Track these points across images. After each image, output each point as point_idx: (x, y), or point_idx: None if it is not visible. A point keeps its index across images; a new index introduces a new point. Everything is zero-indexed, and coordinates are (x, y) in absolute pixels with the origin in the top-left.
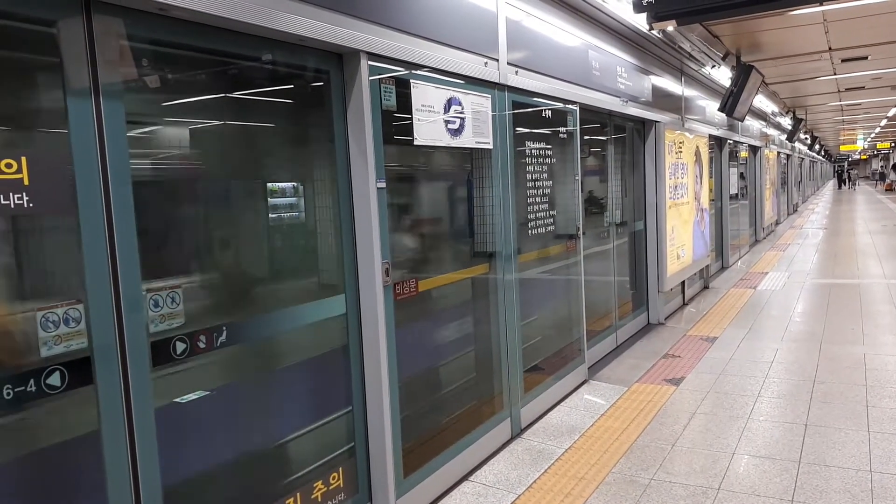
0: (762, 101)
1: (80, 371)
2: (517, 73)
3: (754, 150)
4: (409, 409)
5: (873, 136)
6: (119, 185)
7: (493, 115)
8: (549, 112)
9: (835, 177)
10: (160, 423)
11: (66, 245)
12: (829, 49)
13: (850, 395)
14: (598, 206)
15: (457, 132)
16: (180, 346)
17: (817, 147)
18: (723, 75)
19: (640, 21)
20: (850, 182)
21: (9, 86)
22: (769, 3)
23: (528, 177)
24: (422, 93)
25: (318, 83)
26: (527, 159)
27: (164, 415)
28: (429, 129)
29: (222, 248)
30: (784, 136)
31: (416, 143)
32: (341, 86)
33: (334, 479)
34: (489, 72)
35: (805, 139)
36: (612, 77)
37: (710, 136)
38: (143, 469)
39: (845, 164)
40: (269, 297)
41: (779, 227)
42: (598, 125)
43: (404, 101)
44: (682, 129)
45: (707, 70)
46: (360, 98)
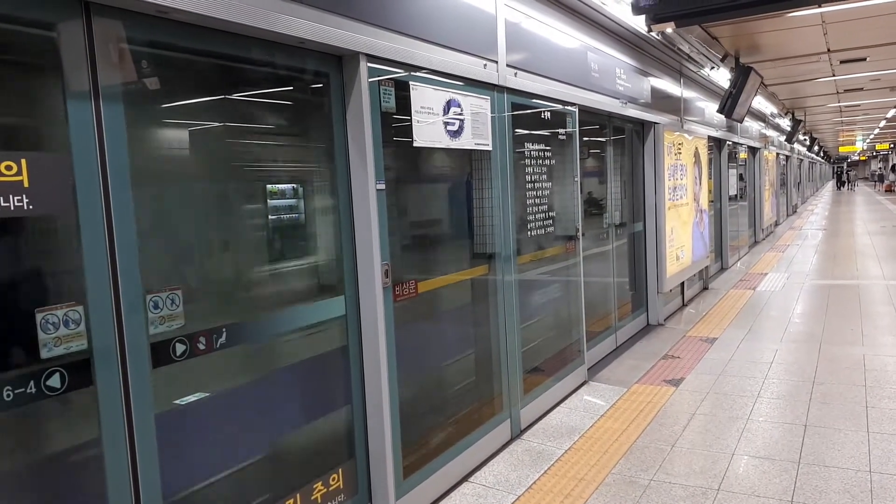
0: (761, 103)
1: (79, 373)
2: (516, 74)
3: (753, 151)
4: (408, 410)
5: (872, 137)
6: (119, 186)
7: (492, 117)
8: (549, 114)
9: (834, 178)
10: (160, 425)
11: (66, 246)
12: (828, 50)
13: (850, 395)
14: (597, 207)
15: (456, 134)
16: (180, 348)
17: (816, 148)
18: (722, 77)
19: (638, 23)
20: (849, 183)
21: (9, 88)
22: (768, 4)
23: (527, 178)
24: (421, 94)
25: (317, 85)
26: (526, 161)
27: (164, 417)
28: (428, 131)
29: (221, 250)
30: (783, 138)
31: (415, 144)
32: (341, 88)
33: (334, 480)
34: (488, 73)
35: (804, 140)
36: (611, 79)
37: (710, 138)
38: (142, 470)
39: (844, 165)
40: (268, 299)
41: (778, 228)
42: (598, 126)
43: (404, 102)
44: (681, 131)
45: (706, 71)
46: (360, 100)
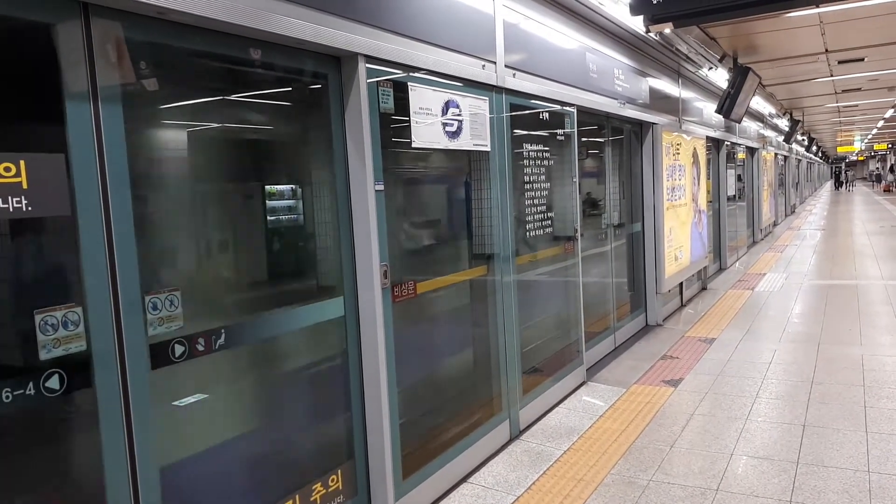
0: (759, 103)
1: (78, 374)
2: (514, 75)
3: (752, 151)
4: (407, 411)
5: (870, 137)
6: (118, 188)
7: (490, 118)
8: (547, 114)
9: (832, 178)
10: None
11: (65, 248)
12: (826, 51)
13: (848, 395)
14: (595, 207)
15: (454, 134)
16: (179, 349)
17: (814, 148)
18: (720, 77)
19: (637, 23)
20: (846, 183)
21: (8, 89)
22: (766, 4)
23: (525, 179)
24: (419, 95)
25: (316, 86)
26: (524, 161)
27: (161, 416)
28: (427, 132)
29: (220, 251)
30: (781, 138)
31: (414, 145)
32: (339, 88)
33: (333, 481)
34: (487, 74)
35: (802, 140)
36: (610, 79)
37: (708, 138)
38: (141, 470)
39: (843, 165)
40: (267, 300)
41: (776, 228)
42: (596, 127)
43: (402, 103)
44: (679, 131)
45: (704, 72)
46: (358, 101)
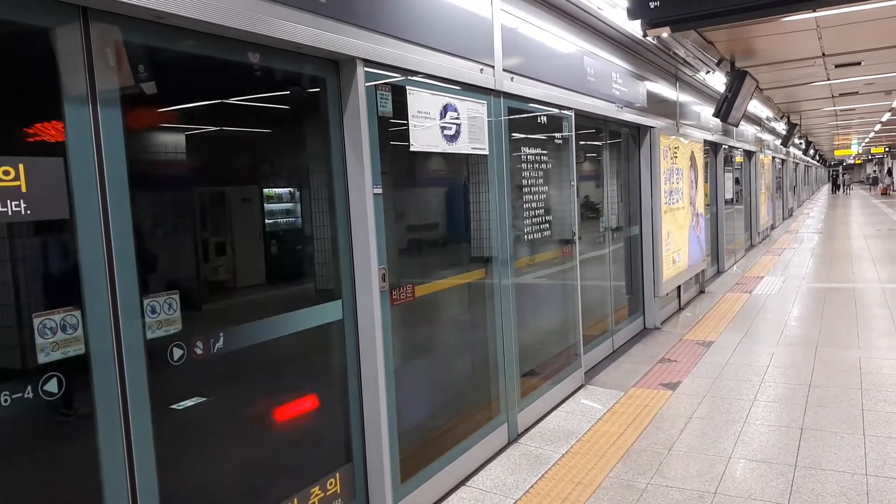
0: (756, 107)
1: (77, 377)
2: (512, 79)
3: (749, 155)
4: (406, 414)
5: (867, 140)
6: (116, 191)
7: (488, 121)
8: (545, 118)
9: (830, 181)
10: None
11: (64, 251)
12: (823, 55)
13: (846, 398)
14: (593, 211)
15: (453, 138)
16: (177, 353)
17: (812, 152)
18: (717, 81)
19: (634, 28)
20: (844, 186)
21: (7, 93)
22: (763, 9)
23: (524, 182)
24: (418, 99)
25: (314, 89)
26: (523, 165)
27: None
28: (425, 136)
29: (218, 254)
30: (779, 141)
31: (412, 149)
32: (338, 92)
33: (331, 484)
34: (485, 78)
35: (799, 144)
36: (608, 83)
37: (705, 142)
38: (139, 473)
39: (840, 168)
40: (266, 302)
41: (774, 231)
42: (594, 131)
43: (400, 107)
44: (677, 135)
45: (702, 76)
46: (357, 104)
